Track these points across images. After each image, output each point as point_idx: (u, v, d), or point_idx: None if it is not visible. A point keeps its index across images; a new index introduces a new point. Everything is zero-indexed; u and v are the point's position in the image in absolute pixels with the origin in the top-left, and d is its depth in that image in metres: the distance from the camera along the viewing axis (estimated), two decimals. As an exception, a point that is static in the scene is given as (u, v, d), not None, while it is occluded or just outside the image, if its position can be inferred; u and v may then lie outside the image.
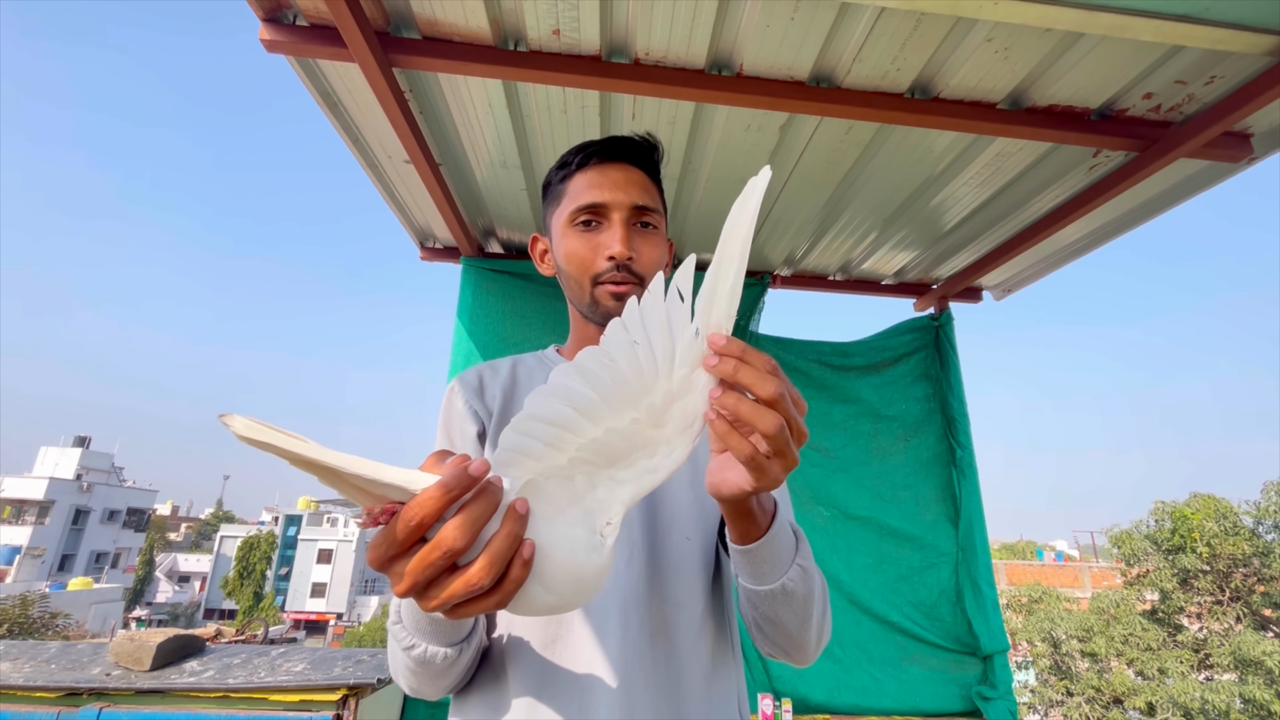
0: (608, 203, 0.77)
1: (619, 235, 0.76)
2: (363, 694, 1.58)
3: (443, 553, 0.39)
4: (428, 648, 0.59)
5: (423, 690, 0.65)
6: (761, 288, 2.42)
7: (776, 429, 0.44)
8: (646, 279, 0.78)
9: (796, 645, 0.68)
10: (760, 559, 0.61)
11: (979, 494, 2.32)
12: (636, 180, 0.80)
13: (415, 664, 0.60)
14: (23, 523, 29.74)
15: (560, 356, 0.87)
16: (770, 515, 0.61)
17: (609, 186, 0.78)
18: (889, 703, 2.12)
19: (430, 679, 0.63)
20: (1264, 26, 1.14)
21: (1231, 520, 11.82)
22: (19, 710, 1.51)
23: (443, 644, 0.59)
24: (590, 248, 0.77)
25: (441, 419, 0.78)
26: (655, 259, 0.79)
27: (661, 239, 0.82)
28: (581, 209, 0.78)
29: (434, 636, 0.59)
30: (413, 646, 0.59)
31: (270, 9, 1.29)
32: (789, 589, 0.63)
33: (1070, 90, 1.43)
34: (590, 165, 0.80)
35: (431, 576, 0.39)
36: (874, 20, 1.25)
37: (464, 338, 2.24)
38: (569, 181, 0.81)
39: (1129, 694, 11.22)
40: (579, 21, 1.29)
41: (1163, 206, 1.85)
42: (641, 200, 0.78)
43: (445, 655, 0.59)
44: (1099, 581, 19.59)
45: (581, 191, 0.79)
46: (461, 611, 0.42)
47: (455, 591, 0.40)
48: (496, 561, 0.40)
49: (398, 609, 0.62)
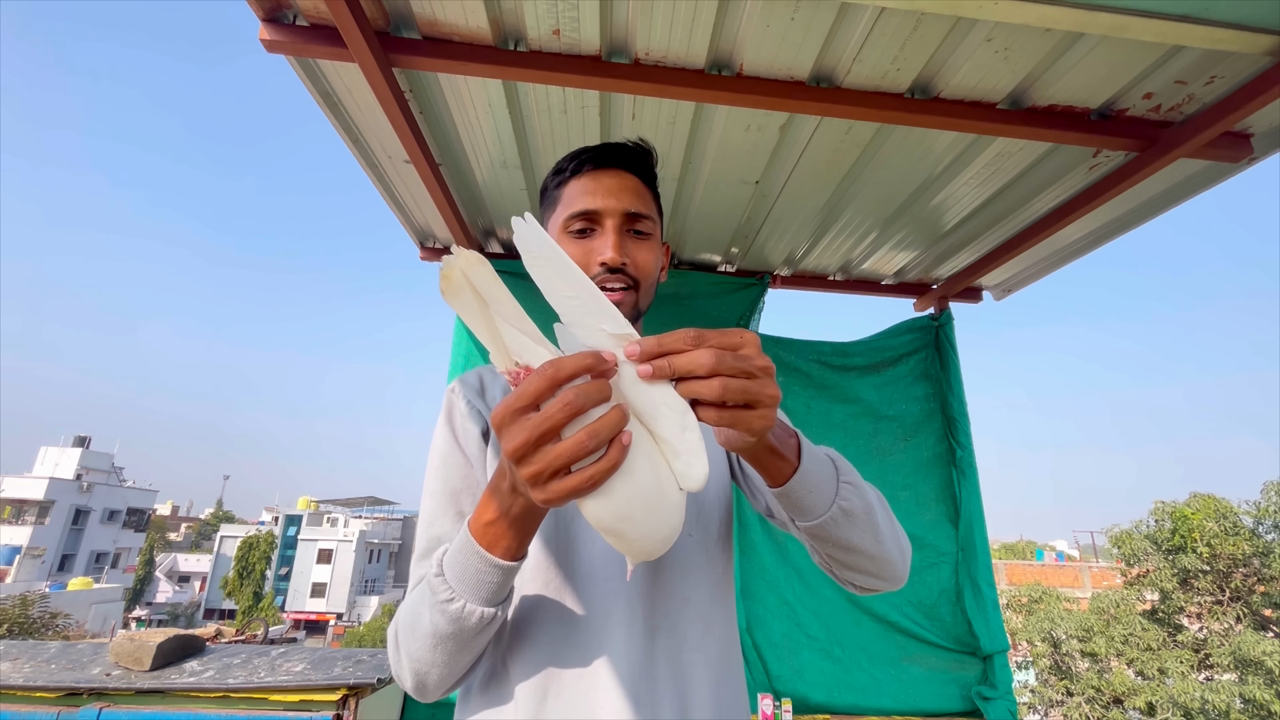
0: (600, 209, 0.78)
1: (611, 242, 0.77)
2: (363, 694, 1.58)
3: (562, 405, 0.44)
4: (466, 604, 0.58)
5: (431, 674, 0.62)
6: (761, 288, 2.42)
7: (713, 362, 0.46)
8: (640, 284, 0.79)
9: (882, 563, 0.67)
10: (804, 491, 0.61)
11: (979, 494, 2.32)
12: (630, 187, 0.80)
13: (449, 623, 0.58)
14: (23, 523, 29.74)
15: None
16: (796, 449, 0.61)
17: (602, 193, 0.79)
18: (889, 703, 2.12)
19: (455, 648, 0.61)
20: (1264, 26, 1.14)
21: (1231, 520, 11.82)
22: (19, 710, 1.51)
23: (482, 603, 0.58)
24: (584, 254, 0.78)
25: (443, 419, 0.79)
26: (649, 264, 0.80)
27: (655, 244, 0.83)
28: (575, 216, 0.79)
29: (477, 592, 0.58)
30: (451, 600, 0.58)
31: (270, 9, 1.29)
32: (845, 508, 0.62)
33: (1070, 90, 1.43)
34: (584, 172, 0.81)
35: (546, 430, 0.45)
36: (874, 20, 1.25)
37: (464, 338, 2.24)
38: (564, 188, 0.82)
39: (1129, 694, 11.22)
40: (579, 21, 1.29)
41: (1163, 206, 1.85)
42: (634, 207, 0.79)
43: (482, 616, 0.58)
44: (1099, 581, 19.59)
45: (575, 198, 0.80)
46: (555, 488, 0.46)
47: (561, 452, 0.44)
48: (600, 433, 0.44)
49: (439, 560, 0.60)
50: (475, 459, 0.75)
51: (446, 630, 0.59)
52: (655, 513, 0.48)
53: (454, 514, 0.73)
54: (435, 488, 0.74)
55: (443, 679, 0.63)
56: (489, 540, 0.57)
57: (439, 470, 0.75)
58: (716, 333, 0.48)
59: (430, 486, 0.75)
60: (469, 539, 0.58)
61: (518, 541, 0.57)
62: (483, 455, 0.75)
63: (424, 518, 0.74)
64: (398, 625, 0.65)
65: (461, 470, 0.75)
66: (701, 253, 2.37)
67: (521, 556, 0.59)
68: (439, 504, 0.73)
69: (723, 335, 0.48)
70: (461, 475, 0.75)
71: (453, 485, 0.74)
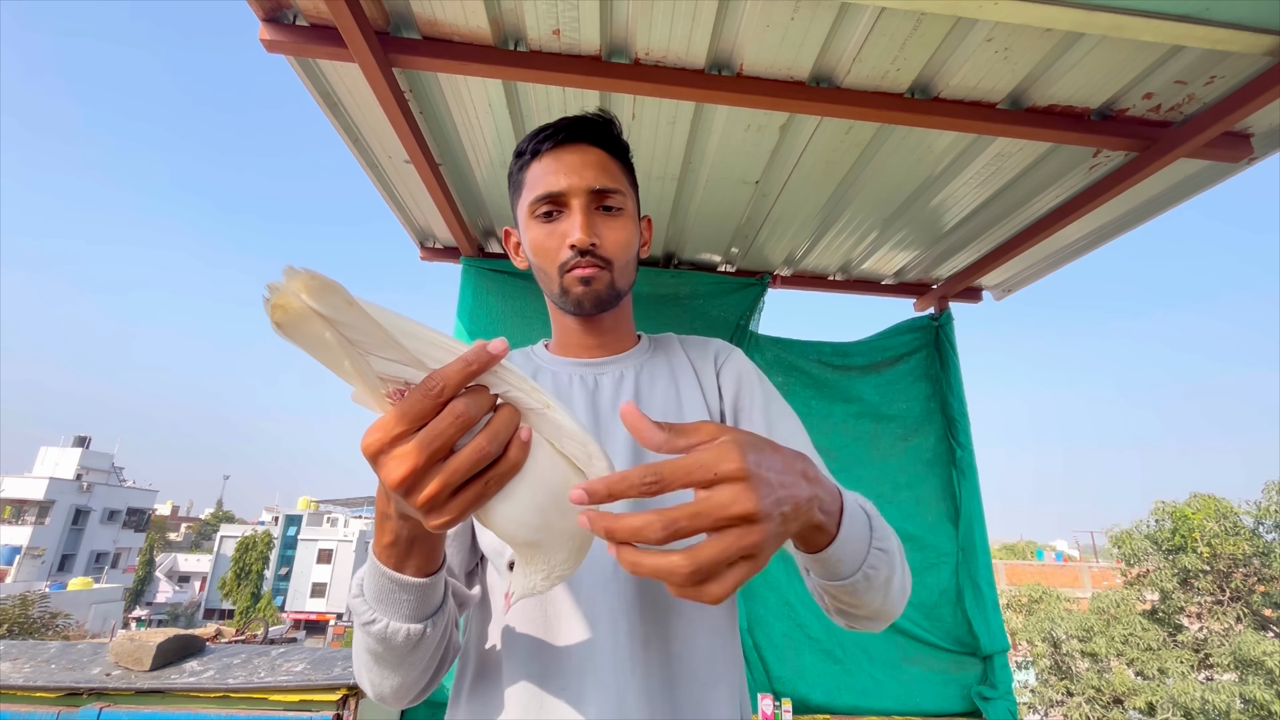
0: (564, 190, 0.74)
1: (579, 222, 0.73)
2: (362, 694, 1.57)
3: (453, 418, 0.39)
4: (389, 623, 0.55)
5: (383, 687, 0.61)
6: (761, 288, 2.42)
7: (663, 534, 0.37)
8: (614, 262, 0.76)
9: (882, 618, 0.63)
10: (836, 559, 0.53)
11: (979, 494, 2.32)
12: (594, 161, 0.76)
13: (376, 643, 0.56)
14: (23, 523, 29.74)
15: (547, 352, 0.86)
16: (837, 514, 0.51)
17: (564, 172, 0.74)
18: (889, 703, 2.12)
19: (391, 665, 0.58)
20: (1264, 26, 1.14)
21: (1232, 520, 11.83)
22: (19, 710, 1.51)
23: (405, 620, 0.55)
24: (553, 238, 0.75)
25: None
26: (621, 241, 0.77)
27: (628, 219, 0.78)
28: (540, 199, 0.75)
29: (397, 610, 0.55)
30: (373, 621, 0.55)
31: (270, 9, 1.28)
32: (870, 575, 0.56)
33: (1070, 90, 1.43)
34: (544, 152, 0.76)
35: (437, 449, 0.39)
36: (874, 20, 1.25)
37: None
38: (526, 171, 0.78)
39: (1129, 694, 11.23)
40: (579, 21, 1.29)
41: (1163, 206, 1.85)
42: (600, 183, 0.75)
43: (409, 633, 0.55)
44: (1099, 581, 19.58)
45: (538, 180, 0.76)
46: (453, 506, 0.41)
47: (458, 467, 0.40)
48: (498, 435, 0.41)
49: (360, 580, 0.58)
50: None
51: (378, 649, 0.57)
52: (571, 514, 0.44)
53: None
54: None
55: (398, 690, 0.62)
56: (394, 562, 0.54)
57: None
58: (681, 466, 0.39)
59: None
60: (375, 562, 0.55)
61: (424, 558, 0.54)
62: None
63: None
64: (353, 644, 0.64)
65: None
66: (701, 253, 2.37)
67: (434, 570, 0.56)
68: None
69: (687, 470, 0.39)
70: None
71: None
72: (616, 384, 0.80)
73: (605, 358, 0.83)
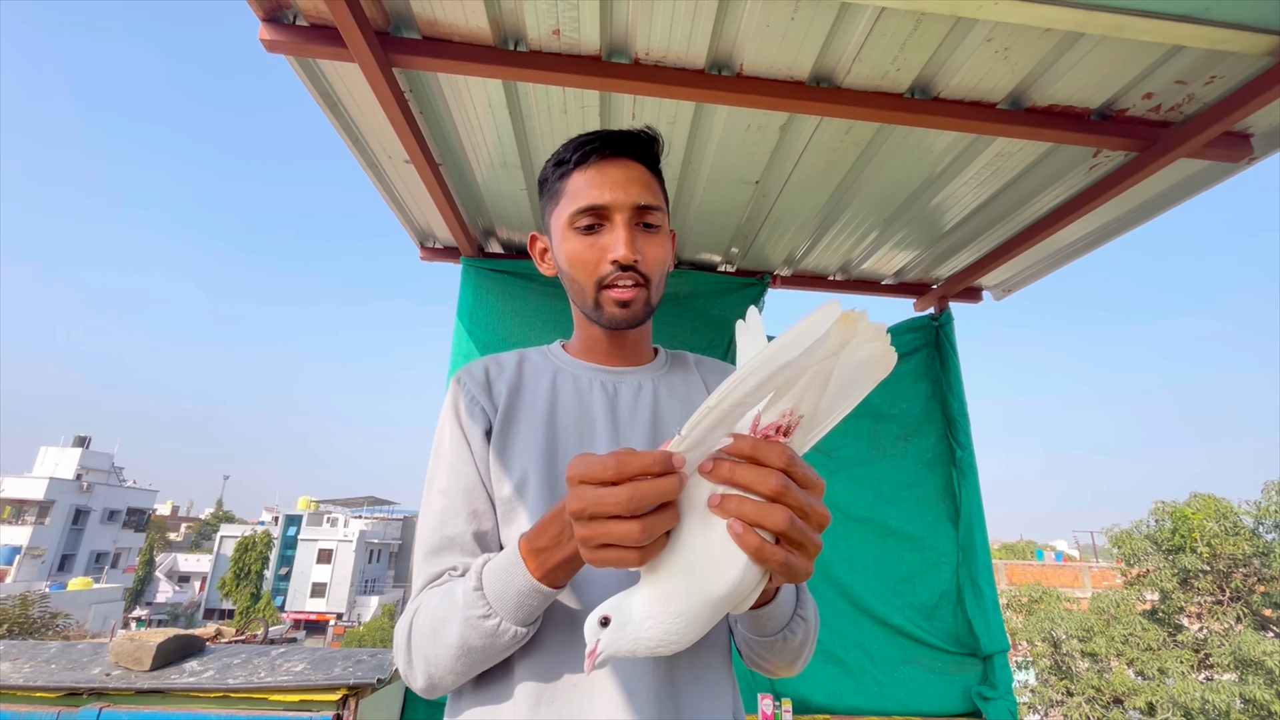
0: (609, 204, 0.74)
1: (623, 238, 0.73)
2: (363, 694, 1.57)
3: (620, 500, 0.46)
4: (503, 622, 0.58)
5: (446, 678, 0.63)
6: (761, 288, 2.42)
7: (785, 524, 0.45)
8: (652, 279, 0.77)
9: (786, 671, 0.73)
10: (764, 619, 0.64)
11: (979, 494, 2.32)
12: (638, 178, 0.76)
13: (480, 639, 0.59)
14: (23, 523, 29.73)
15: (566, 353, 0.86)
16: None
17: (610, 186, 0.74)
18: (890, 704, 2.12)
19: (480, 661, 0.61)
20: (1264, 26, 1.14)
21: (1232, 520, 11.82)
22: (19, 710, 1.51)
23: (518, 623, 0.59)
24: (593, 251, 0.75)
25: (449, 411, 0.76)
26: (659, 259, 0.78)
27: (664, 237, 0.80)
28: (582, 211, 0.75)
29: (515, 613, 0.58)
30: (488, 616, 0.58)
31: (270, 9, 1.28)
32: (788, 639, 0.67)
33: (1070, 90, 1.43)
34: (589, 163, 0.76)
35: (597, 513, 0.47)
36: (874, 20, 1.25)
37: (464, 338, 2.24)
38: (567, 180, 0.78)
39: (1129, 694, 11.22)
40: (579, 21, 1.29)
41: (1163, 206, 1.85)
42: (644, 199, 0.75)
43: (515, 635, 0.59)
44: (1099, 581, 19.59)
45: (581, 192, 0.75)
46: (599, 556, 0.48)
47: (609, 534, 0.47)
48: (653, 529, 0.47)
49: (479, 574, 0.60)
50: (479, 458, 0.73)
51: (477, 644, 0.59)
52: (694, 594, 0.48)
53: (467, 513, 0.70)
54: (446, 484, 0.72)
55: (455, 682, 0.64)
56: (540, 566, 0.57)
57: (450, 466, 0.73)
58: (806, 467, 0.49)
59: (439, 482, 0.73)
60: (519, 561, 0.58)
61: (565, 573, 0.58)
62: (485, 455, 0.74)
63: (433, 514, 0.71)
64: (414, 628, 0.64)
65: (472, 466, 0.73)
66: (701, 252, 2.37)
67: (564, 584, 0.60)
68: (451, 502, 0.71)
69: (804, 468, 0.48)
70: (473, 472, 0.72)
71: (465, 482, 0.72)
72: (635, 394, 0.81)
73: (626, 367, 0.85)
